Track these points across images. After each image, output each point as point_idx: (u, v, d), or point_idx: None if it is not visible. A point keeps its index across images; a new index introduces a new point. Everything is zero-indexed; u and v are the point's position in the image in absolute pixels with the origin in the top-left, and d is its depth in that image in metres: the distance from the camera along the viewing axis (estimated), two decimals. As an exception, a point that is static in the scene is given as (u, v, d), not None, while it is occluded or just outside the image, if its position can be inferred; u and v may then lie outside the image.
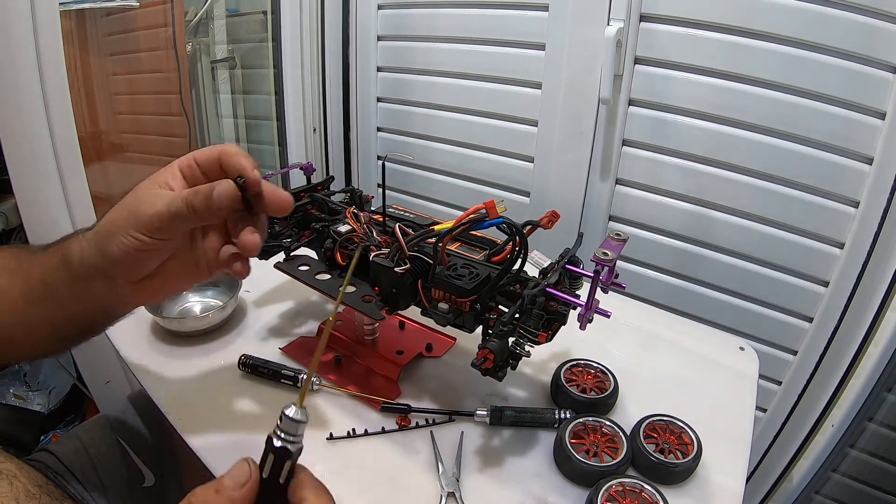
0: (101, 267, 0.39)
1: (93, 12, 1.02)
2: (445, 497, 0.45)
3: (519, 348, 0.44)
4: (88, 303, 0.42)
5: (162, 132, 1.21)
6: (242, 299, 0.70)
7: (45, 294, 0.41)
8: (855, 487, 0.88)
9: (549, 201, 0.99)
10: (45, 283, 0.41)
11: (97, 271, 0.39)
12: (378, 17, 1.08)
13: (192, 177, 0.40)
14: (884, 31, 0.68)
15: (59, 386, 1.11)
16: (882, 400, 0.81)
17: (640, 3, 0.80)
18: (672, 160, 0.86)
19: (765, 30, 0.73)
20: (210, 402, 0.54)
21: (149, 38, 1.11)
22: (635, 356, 0.63)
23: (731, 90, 0.78)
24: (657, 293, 0.93)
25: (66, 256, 0.40)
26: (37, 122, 0.75)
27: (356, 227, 0.54)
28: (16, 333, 0.43)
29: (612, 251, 0.42)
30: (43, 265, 0.42)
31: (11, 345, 0.43)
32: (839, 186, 0.76)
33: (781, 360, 0.88)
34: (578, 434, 0.49)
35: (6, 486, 0.36)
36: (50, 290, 0.41)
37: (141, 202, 0.37)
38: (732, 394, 0.58)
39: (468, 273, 0.47)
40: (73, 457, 0.58)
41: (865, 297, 0.77)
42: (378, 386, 0.56)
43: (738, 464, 0.49)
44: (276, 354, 0.60)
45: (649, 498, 0.43)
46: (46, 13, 0.72)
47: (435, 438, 0.50)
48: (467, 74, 1.01)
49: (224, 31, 1.24)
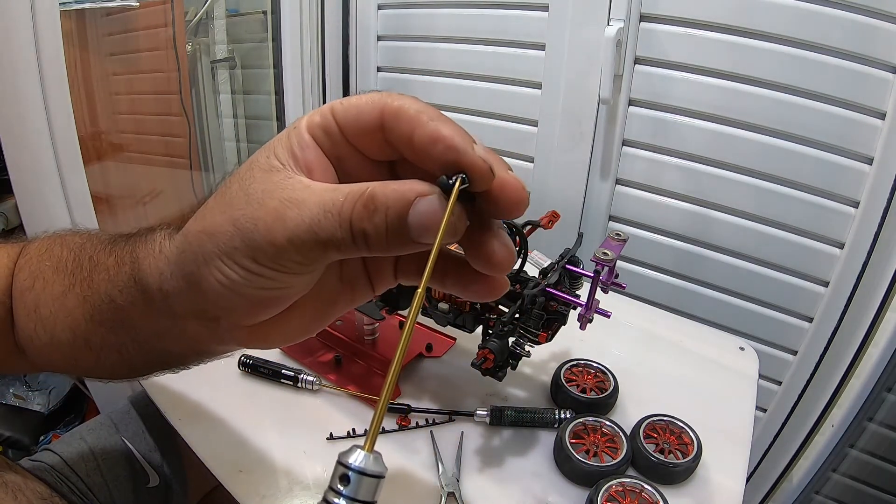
0: (192, 304, 0.25)
1: (93, 12, 1.01)
2: (445, 497, 0.45)
3: (519, 348, 0.44)
4: (175, 340, 0.29)
5: (162, 132, 1.21)
6: (242, 299, 0.70)
7: (113, 316, 0.29)
8: (855, 487, 0.88)
9: (549, 201, 0.99)
10: (113, 302, 0.29)
11: (187, 310, 0.26)
12: (378, 17, 1.08)
13: (331, 147, 0.23)
14: (884, 31, 0.68)
15: (59, 386, 1.11)
16: (882, 400, 0.81)
17: (640, 3, 0.80)
18: (672, 160, 0.86)
19: (765, 30, 0.73)
20: (210, 402, 0.54)
21: (149, 38, 1.11)
22: (635, 356, 0.63)
23: (731, 90, 0.78)
24: (657, 293, 0.93)
25: (139, 277, 0.27)
26: (37, 122, 0.75)
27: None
28: (78, 354, 0.32)
29: (612, 251, 0.42)
30: (109, 275, 0.29)
31: (75, 363, 0.34)
32: (839, 186, 0.76)
33: (781, 360, 0.88)
34: (578, 434, 0.49)
35: (10, 501, 0.35)
36: (120, 314, 0.29)
37: (259, 208, 0.21)
38: (732, 394, 0.58)
39: (468, 273, 0.47)
40: (77, 457, 0.58)
41: (865, 297, 0.77)
42: (378, 386, 0.56)
43: (738, 464, 0.49)
44: (276, 354, 0.60)
45: (649, 498, 0.43)
46: (46, 13, 0.72)
47: (435, 438, 0.50)
48: (467, 74, 1.01)
49: (224, 31, 1.24)
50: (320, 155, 0.23)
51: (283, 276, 0.22)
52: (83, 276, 0.31)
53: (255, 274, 0.22)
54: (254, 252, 0.22)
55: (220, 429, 0.51)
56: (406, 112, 0.21)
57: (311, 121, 0.23)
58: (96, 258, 0.31)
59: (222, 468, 0.47)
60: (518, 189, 0.22)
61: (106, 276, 0.29)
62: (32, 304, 0.34)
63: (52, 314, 0.32)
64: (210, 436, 0.50)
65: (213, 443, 0.49)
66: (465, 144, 0.20)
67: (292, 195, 0.21)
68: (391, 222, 0.20)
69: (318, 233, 0.21)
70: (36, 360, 0.37)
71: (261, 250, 0.21)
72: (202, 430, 0.50)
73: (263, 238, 0.21)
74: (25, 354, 0.36)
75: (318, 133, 0.23)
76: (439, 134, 0.20)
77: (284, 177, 0.22)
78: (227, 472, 0.46)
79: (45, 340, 0.33)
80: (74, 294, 0.31)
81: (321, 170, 0.23)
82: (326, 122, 0.23)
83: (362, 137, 0.23)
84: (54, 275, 0.33)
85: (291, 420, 0.52)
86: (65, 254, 0.33)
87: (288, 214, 0.21)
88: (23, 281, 0.35)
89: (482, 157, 0.20)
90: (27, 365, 0.38)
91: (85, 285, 0.31)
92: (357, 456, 0.18)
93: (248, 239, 0.21)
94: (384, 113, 0.21)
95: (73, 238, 0.34)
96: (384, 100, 0.21)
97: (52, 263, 0.33)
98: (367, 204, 0.20)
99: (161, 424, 0.52)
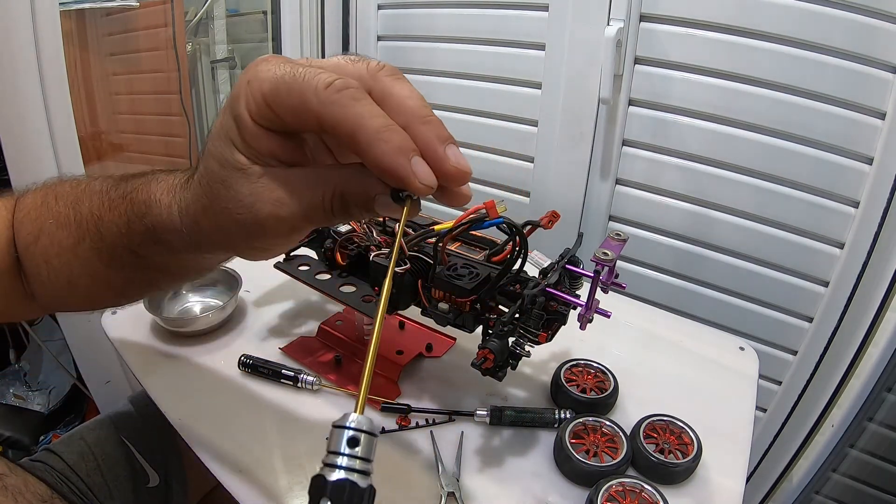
0: (212, 245, 0.31)
1: (93, 12, 1.02)
2: (445, 497, 0.45)
3: (519, 348, 0.44)
4: (197, 265, 0.36)
5: (162, 132, 1.21)
6: (242, 299, 0.70)
7: (135, 262, 0.35)
8: (855, 487, 0.88)
9: (549, 201, 0.99)
10: (134, 253, 0.34)
11: (209, 248, 0.32)
12: (378, 17, 1.08)
13: (269, 123, 0.27)
14: (884, 31, 0.68)
15: (59, 386, 1.11)
16: (882, 400, 0.81)
17: (640, 3, 0.80)
18: (672, 160, 0.86)
19: (765, 29, 0.73)
20: (210, 402, 0.54)
21: (149, 38, 1.11)
22: (635, 356, 0.63)
23: (731, 90, 0.78)
24: (657, 293, 0.93)
25: (158, 237, 0.32)
26: (37, 122, 0.75)
27: (356, 227, 0.54)
28: (97, 295, 0.38)
29: (612, 251, 0.42)
30: (120, 231, 0.34)
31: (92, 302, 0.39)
32: (839, 186, 0.76)
33: (781, 360, 0.88)
34: (578, 434, 0.49)
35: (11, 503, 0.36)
36: (142, 262, 0.34)
37: (257, 213, 0.27)
38: (732, 394, 0.58)
39: (468, 273, 0.47)
40: (77, 457, 0.58)
41: (865, 297, 0.77)
42: (378, 386, 0.56)
43: (738, 464, 0.49)
44: (276, 354, 0.60)
45: (649, 498, 0.43)
46: (46, 13, 0.72)
47: (435, 438, 0.50)
48: (467, 74, 1.01)
49: (224, 31, 1.24)
50: (273, 137, 0.27)
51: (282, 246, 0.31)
52: (91, 233, 0.34)
53: (261, 250, 0.31)
54: (262, 242, 0.29)
55: (220, 429, 0.51)
56: (357, 138, 0.24)
57: (243, 108, 0.27)
58: (99, 215, 0.34)
59: (222, 468, 0.47)
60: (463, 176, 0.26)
61: (117, 231, 0.33)
62: (42, 257, 0.37)
63: (67, 264, 0.36)
64: (210, 436, 0.50)
65: (213, 443, 0.49)
66: (408, 173, 0.24)
67: (278, 196, 0.27)
68: (360, 208, 0.27)
69: (308, 221, 0.28)
70: (50, 304, 0.41)
71: (266, 240, 0.29)
72: (202, 430, 0.50)
73: (269, 235, 0.28)
74: (35, 299, 0.40)
75: (255, 115, 0.27)
76: (386, 167, 0.24)
77: (260, 176, 0.27)
78: (227, 472, 0.46)
79: (61, 285, 0.37)
80: (85, 248, 0.35)
81: (281, 148, 0.28)
82: (259, 107, 0.26)
83: (296, 116, 0.26)
84: (59, 230, 0.35)
85: (291, 420, 0.52)
86: (62, 208, 0.36)
87: (281, 215, 0.27)
88: (26, 236, 0.37)
89: (422, 179, 0.24)
90: (37, 309, 0.42)
91: (96, 240, 0.34)
92: (354, 418, 0.20)
93: (254, 236, 0.28)
94: (336, 129, 0.25)
95: (64, 189, 0.37)
96: (337, 113, 0.25)
97: (54, 219, 0.36)
98: (341, 201, 0.27)
99: (161, 424, 0.52)
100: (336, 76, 0.25)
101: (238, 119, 0.27)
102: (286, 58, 0.27)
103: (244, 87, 0.26)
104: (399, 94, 0.27)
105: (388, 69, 0.28)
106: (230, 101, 0.27)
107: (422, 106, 0.26)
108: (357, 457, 0.19)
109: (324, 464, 0.20)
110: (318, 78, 0.25)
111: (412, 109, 0.26)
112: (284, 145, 0.28)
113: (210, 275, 0.70)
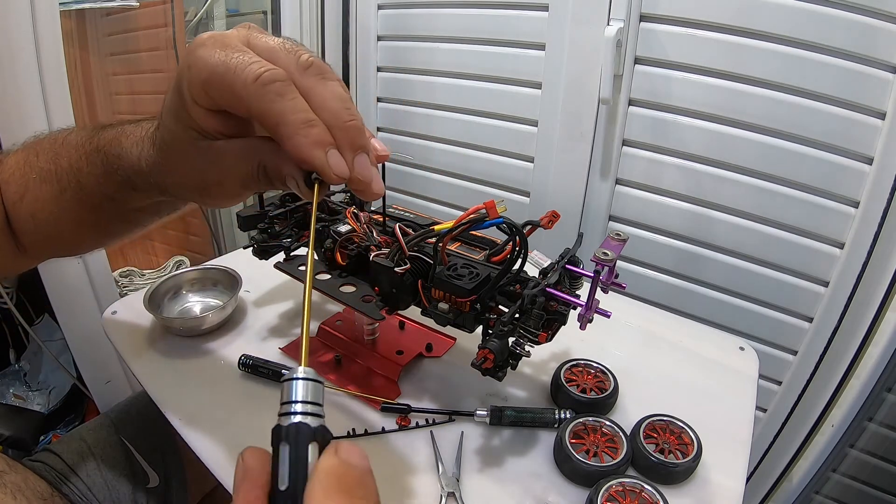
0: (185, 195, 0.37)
1: (93, 12, 1.02)
2: (445, 497, 0.45)
3: (519, 348, 0.44)
4: (173, 207, 0.43)
5: (162, 132, 1.21)
6: (242, 299, 0.70)
7: (117, 208, 0.40)
8: (855, 487, 0.88)
9: (549, 201, 0.99)
10: (113, 200, 0.39)
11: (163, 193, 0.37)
12: (378, 17, 1.08)
13: (209, 105, 0.31)
14: (884, 31, 0.68)
15: (59, 386, 1.11)
16: (882, 400, 0.81)
17: (640, 3, 0.80)
18: (672, 160, 0.86)
19: (764, 29, 0.73)
20: (210, 402, 0.54)
21: (149, 38, 1.11)
22: (635, 356, 0.63)
23: (731, 90, 0.78)
24: (657, 293, 0.93)
25: (136, 185, 0.37)
26: (37, 122, 0.75)
27: (356, 227, 0.54)
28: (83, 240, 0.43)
29: (612, 251, 0.42)
30: (99, 182, 0.38)
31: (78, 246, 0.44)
32: (839, 186, 0.76)
33: (781, 360, 0.88)
34: (578, 434, 0.49)
35: (10, 501, 0.36)
36: (124, 207, 0.40)
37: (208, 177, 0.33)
38: (732, 394, 0.58)
39: (468, 273, 0.47)
40: (77, 458, 0.58)
41: (865, 297, 0.77)
42: (378, 386, 0.56)
43: (738, 464, 0.49)
44: (276, 354, 0.60)
45: (649, 498, 0.43)
46: (46, 13, 0.72)
47: (435, 438, 0.50)
48: (467, 74, 1.01)
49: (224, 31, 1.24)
50: (216, 115, 0.31)
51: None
52: (73, 184, 0.38)
53: (214, 202, 0.36)
54: (212, 200, 0.35)
55: (220, 429, 0.51)
56: (279, 130, 0.27)
57: (198, 97, 0.30)
58: (78, 167, 0.38)
59: (222, 468, 0.47)
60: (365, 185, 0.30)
61: (95, 181, 0.38)
62: (27, 212, 0.40)
63: (53, 214, 0.40)
64: (210, 436, 0.50)
65: (213, 443, 0.49)
66: (323, 164, 0.27)
67: (219, 167, 0.32)
68: (278, 181, 0.31)
69: (245, 188, 0.33)
70: (40, 254, 0.45)
71: (214, 199, 0.35)
72: (202, 430, 0.50)
73: (214, 196, 0.34)
74: (25, 252, 0.44)
75: (205, 104, 0.30)
76: (303, 158, 0.27)
77: (206, 150, 0.32)
78: (227, 472, 0.46)
79: (49, 235, 0.41)
80: (67, 198, 0.39)
81: (224, 124, 0.31)
82: (198, 93, 0.29)
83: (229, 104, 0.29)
84: (42, 184, 0.39)
85: (291, 420, 0.52)
86: (43, 164, 0.40)
87: (223, 182, 0.32)
88: (12, 194, 0.41)
89: (335, 171, 0.28)
90: (28, 261, 0.46)
91: (77, 190, 0.38)
92: (299, 370, 0.22)
93: (204, 196, 0.34)
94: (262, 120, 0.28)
95: (43, 145, 0.41)
96: (263, 107, 0.27)
97: (36, 175, 0.40)
98: (264, 172, 0.31)
99: (161, 424, 0.52)
100: (266, 67, 0.27)
101: (183, 101, 0.30)
102: (223, 40, 0.29)
103: (185, 71, 0.29)
104: (322, 95, 0.28)
105: (315, 67, 0.29)
106: (176, 82, 0.31)
107: (343, 109, 0.28)
108: (306, 401, 0.21)
109: (278, 415, 0.22)
110: (248, 70, 0.27)
111: (333, 112, 0.28)
112: (227, 122, 0.31)
113: (210, 275, 0.70)
